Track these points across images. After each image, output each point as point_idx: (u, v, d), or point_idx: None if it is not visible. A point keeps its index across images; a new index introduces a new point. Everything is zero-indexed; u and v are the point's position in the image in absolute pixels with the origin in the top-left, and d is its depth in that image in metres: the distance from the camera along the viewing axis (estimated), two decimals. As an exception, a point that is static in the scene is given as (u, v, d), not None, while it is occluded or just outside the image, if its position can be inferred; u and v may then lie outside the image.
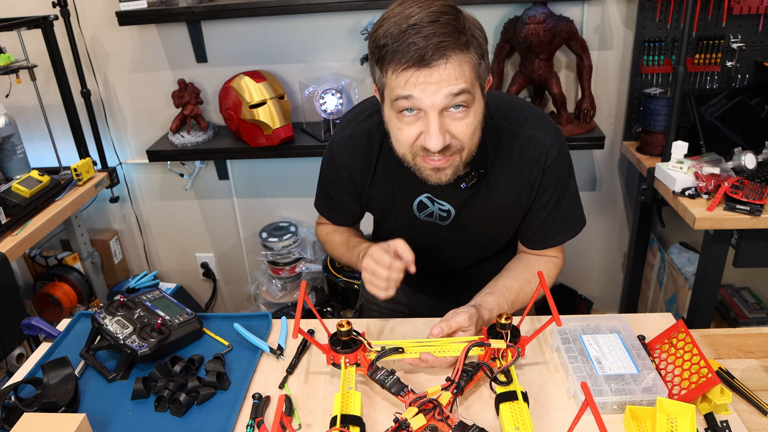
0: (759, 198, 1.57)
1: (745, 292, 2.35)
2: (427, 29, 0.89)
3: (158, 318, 1.13)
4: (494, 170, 1.13)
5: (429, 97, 0.92)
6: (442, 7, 0.91)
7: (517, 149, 1.11)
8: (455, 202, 1.16)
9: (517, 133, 1.11)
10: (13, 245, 1.70)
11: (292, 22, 2.12)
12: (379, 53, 0.94)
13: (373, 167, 1.18)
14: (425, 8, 0.91)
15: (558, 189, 1.15)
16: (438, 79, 0.91)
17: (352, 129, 1.19)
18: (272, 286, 2.42)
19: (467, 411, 0.98)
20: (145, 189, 2.49)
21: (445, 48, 0.89)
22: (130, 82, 2.28)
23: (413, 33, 0.89)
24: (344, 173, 1.21)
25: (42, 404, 0.97)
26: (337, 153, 1.20)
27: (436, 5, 0.92)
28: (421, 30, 0.89)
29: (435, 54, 0.89)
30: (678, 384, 0.98)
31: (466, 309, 1.07)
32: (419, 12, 0.90)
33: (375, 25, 0.96)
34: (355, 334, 1.02)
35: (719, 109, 1.91)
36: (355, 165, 1.19)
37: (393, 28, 0.91)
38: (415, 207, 1.19)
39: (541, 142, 1.10)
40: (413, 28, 0.89)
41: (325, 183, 1.28)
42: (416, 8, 0.91)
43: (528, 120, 1.12)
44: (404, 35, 0.90)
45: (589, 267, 2.51)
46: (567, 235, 1.21)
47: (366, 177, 1.20)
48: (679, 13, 1.96)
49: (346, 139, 1.19)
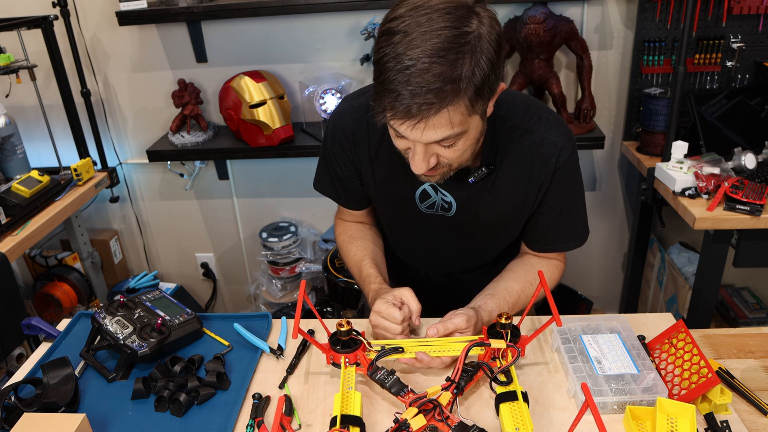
0: (759, 198, 1.57)
1: (745, 292, 2.35)
2: (417, 81, 0.85)
3: (158, 318, 1.13)
4: (503, 166, 1.11)
5: (415, 137, 0.92)
6: (444, 41, 0.85)
7: (528, 147, 1.10)
8: (459, 195, 1.15)
9: (530, 130, 1.09)
10: (13, 245, 1.71)
11: (292, 22, 2.12)
12: (377, 68, 0.91)
13: (377, 145, 1.15)
14: (427, 39, 0.85)
15: (567, 193, 1.14)
16: (423, 128, 0.90)
17: (362, 101, 1.15)
18: (272, 286, 2.42)
19: (467, 411, 0.98)
20: (145, 189, 2.49)
21: (429, 107, 0.87)
22: (130, 82, 2.28)
23: (404, 81, 0.85)
24: (346, 142, 1.17)
25: (42, 404, 0.97)
26: (341, 120, 1.17)
27: (441, 37, 0.85)
28: (411, 80, 0.85)
29: (419, 112, 0.87)
30: (678, 384, 0.98)
31: (465, 311, 1.07)
32: (421, 45, 0.85)
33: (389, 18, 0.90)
34: (354, 334, 1.02)
35: (719, 109, 1.91)
36: (357, 137, 1.16)
37: (393, 54, 0.87)
38: (418, 196, 1.17)
39: (553, 142, 1.09)
40: (406, 73, 0.85)
41: (327, 157, 1.23)
42: (418, 38, 0.85)
43: (542, 119, 1.10)
44: (397, 78, 0.86)
45: (589, 267, 2.51)
46: (576, 242, 1.20)
47: (369, 153, 1.17)
48: (679, 13, 1.96)
49: (352, 109, 1.16)
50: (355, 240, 1.30)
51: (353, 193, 1.26)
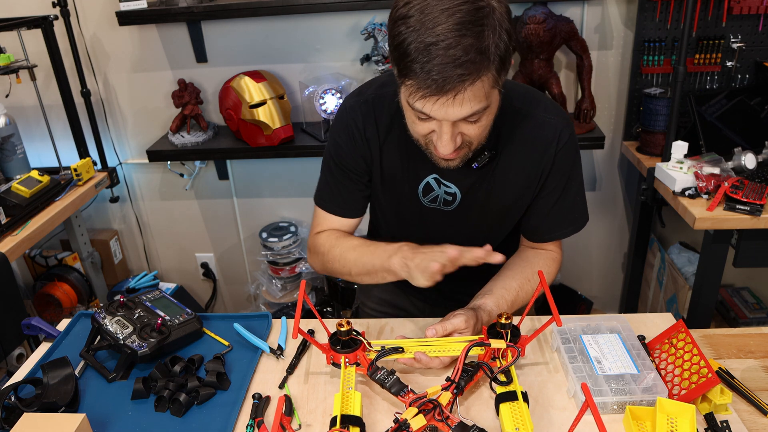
0: (759, 198, 1.57)
1: (745, 292, 2.35)
2: (448, 55, 0.84)
3: (158, 318, 1.13)
4: (505, 151, 1.12)
5: (444, 115, 0.92)
6: (466, 15, 0.85)
7: (529, 131, 1.10)
8: (463, 184, 1.15)
9: (530, 115, 1.10)
10: (13, 245, 1.71)
11: (292, 22, 2.12)
12: (397, 53, 0.90)
13: (384, 138, 1.15)
14: (449, 15, 0.85)
15: (566, 176, 1.14)
16: (454, 103, 0.89)
17: (366, 95, 1.15)
18: (272, 286, 2.42)
19: (467, 411, 0.98)
20: (145, 189, 2.49)
21: (464, 80, 0.87)
22: (130, 82, 2.28)
23: (433, 55, 0.85)
24: (358, 136, 1.15)
25: (42, 404, 0.97)
26: (351, 116, 1.15)
27: (462, 11, 0.85)
28: (442, 53, 0.85)
29: (453, 86, 0.87)
30: (678, 384, 0.98)
31: (464, 311, 1.06)
32: (444, 21, 0.85)
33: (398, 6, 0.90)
34: (354, 334, 1.02)
35: (719, 109, 1.91)
36: (368, 132, 1.15)
37: (414, 35, 0.86)
38: (421, 190, 1.17)
39: (553, 126, 1.10)
40: (435, 48, 0.85)
41: (332, 162, 1.20)
42: (439, 16, 0.85)
43: (541, 103, 1.12)
44: (424, 54, 0.86)
45: (589, 267, 2.51)
46: (572, 228, 1.20)
47: (376, 147, 1.16)
48: (679, 13, 1.96)
49: (360, 104, 1.15)
50: (346, 236, 1.25)
51: (357, 199, 1.24)
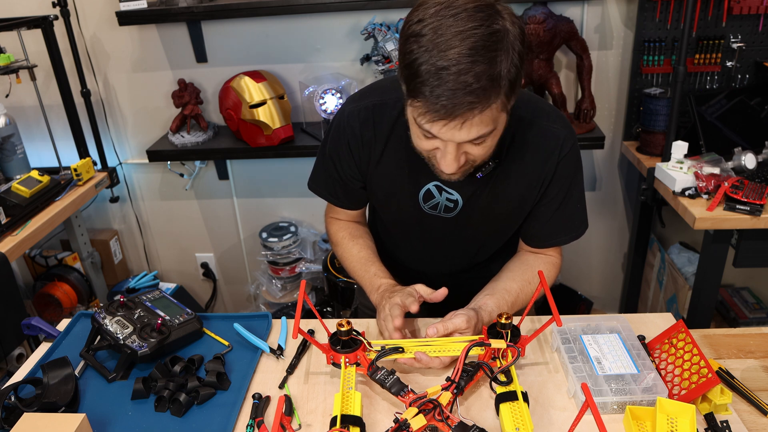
0: (759, 198, 1.57)
1: (745, 292, 2.35)
2: (461, 80, 0.83)
3: (158, 318, 1.13)
4: (508, 160, 1.11)
5: (450, 138, 0.92)
6: (480, 40, 0.84)
7: (532, 140, 1.10)
8: (465, 192, 1.14)
9: (534, 123, 1.10)
10: (13, 245, 1.71)
11: (292, 22, 2.12)
12: (407, 72, 0.89)
13: (383, 145, 1.15)
14: (463, 39, 0.83)
15: (567, 185, 1.14)
16: (462, 128, 0.89)
17: (367, 102, 1.15)
18: (272, 286, 2.42)
19: (467, 411, 0.98)
20: (145, 189, 2.49)
21: (473, 107, 0.86)
22: (130, 82, 2.28)
23: (444, 80, 0.84)
24: (354, 143, 1.16)
25: (42, 404, 0.97)
26: (349, 122, 1.15)
27: (476, 36, 0.84)
28: (453, 78, 0.83)
29: (462, 111, 0.86)
30: (678, 384, 0.98)
31: (465, 311, 1.06)
32: (457, 45, 0.83)
33: (411, 22, 0.88)
34: (355, 334, 1.02)
35: (719, 109, 1.91)
36: (365, 137, 1.15)
37: (426, 56, 0.85)
38: (422, 197, 1.17)
39: (556, 135, 1.10)
40: (446, 72, 0.84)
41: (328, 157, 1.22)
42: (453, 39, 0.84)
43: (544, 111, 1.11)
44: (435, 77, 0.85)
45: (589, 267, 2.51)
46: (572, 235, 1.20)
47: (374, 153, 1.16)
48: (679, 13, 1.96)
49: (359, 110, 1.15)
50: (356, 238, 1.29)
51: (352, 193, 1.26)
